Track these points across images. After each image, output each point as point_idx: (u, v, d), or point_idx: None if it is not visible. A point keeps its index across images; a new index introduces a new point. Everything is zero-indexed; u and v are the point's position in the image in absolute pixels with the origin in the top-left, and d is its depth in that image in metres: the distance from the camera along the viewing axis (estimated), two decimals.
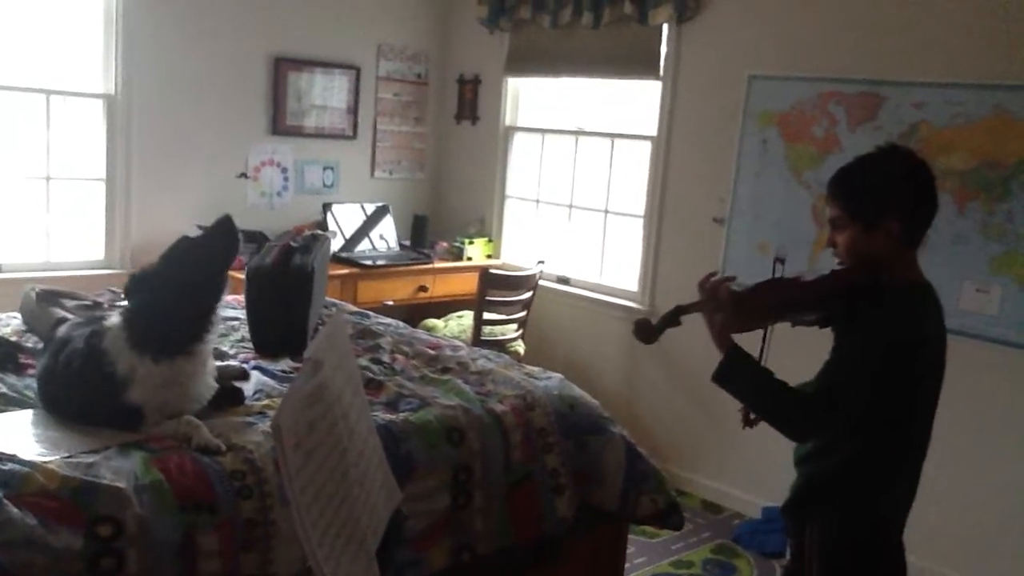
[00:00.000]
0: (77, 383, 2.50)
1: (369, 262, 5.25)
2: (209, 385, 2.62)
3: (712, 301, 2.22)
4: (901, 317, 2.09)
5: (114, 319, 2.59)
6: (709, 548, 4.19)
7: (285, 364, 3.16)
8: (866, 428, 2.13)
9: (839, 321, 2.19)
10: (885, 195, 2.11)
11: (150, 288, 2.55)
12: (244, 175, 5.26)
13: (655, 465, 3.20)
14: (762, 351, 2.33)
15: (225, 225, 2.64)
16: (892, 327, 2.08)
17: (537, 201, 5.76)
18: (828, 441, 2.20)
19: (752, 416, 2.36)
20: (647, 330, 2.26)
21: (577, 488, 3.01)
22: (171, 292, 2.52)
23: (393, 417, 2.72)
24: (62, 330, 2.72)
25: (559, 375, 3.35)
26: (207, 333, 2.57)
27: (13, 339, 3.13)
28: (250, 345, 3.35)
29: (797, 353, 2.44)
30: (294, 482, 1.45)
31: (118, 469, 2.18)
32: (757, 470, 4.52)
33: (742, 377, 2.22)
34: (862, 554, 2.20)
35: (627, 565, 3.47)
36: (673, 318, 2.25)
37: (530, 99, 5.82)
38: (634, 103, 5.21)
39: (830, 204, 2.19)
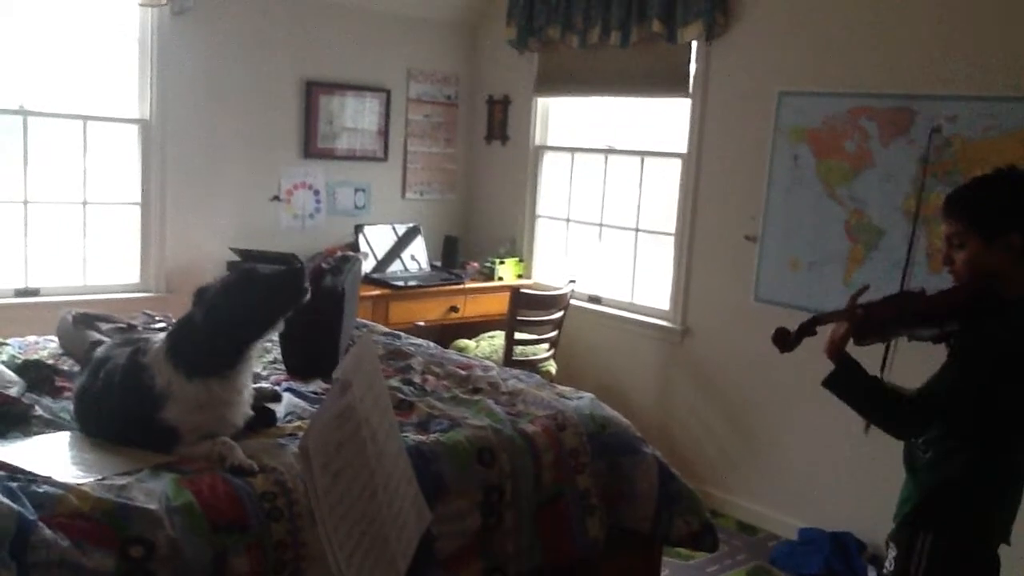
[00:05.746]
0: (117, 398, 2.53)
1: (401, 283, 5.27)
2: (244, 412, 2.64)
3: (845, 313, 2.29)
4: (1016, 328, 2.12)
5: (160, 336, 2.65)
6: (744, 570, 4.13)
7: (316, 385, 3.17)
8: (981, 439, 2.17)
9: (955, 335, 2.23)
10: (1008, 208, 2.16)
11: (204, 308, 2.59)
12: (277, 198, 5.31)
13: (689, 486, 3.17)
14: (884, 365, 2.38)
15: (293, 278, 2.66)
16: (1007, 337, 2.12)
17: (568, 220, 5.75)
18: (946, 452, 2.23)
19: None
20: (786, 339, 2.34)
21: (609, 509, 2.99)
22: (214, 318, 2.56)
23: (424, 438, 2.71)
24: (100, 350, 2.76)
25: (590, 395, 3.33)
26: (238, 363, 2.59)
27: (50, 362, 3.17)
28: (282, 367, 3.36)
29: (918, 366, 2.42)
30: (322, 503, 1.45)
31: (150, 491, 2.20)
32: (793, 491, 4.46)
33: (851, 384, 2.29)
34: (970, 566, 2.24)
35: None
36: (810, 327, 2.34)
37: (559, 118, 5.83)
38: (664, 121, 5.20)
39: (948, 221, 2.23)
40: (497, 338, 5.15)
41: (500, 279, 5.66)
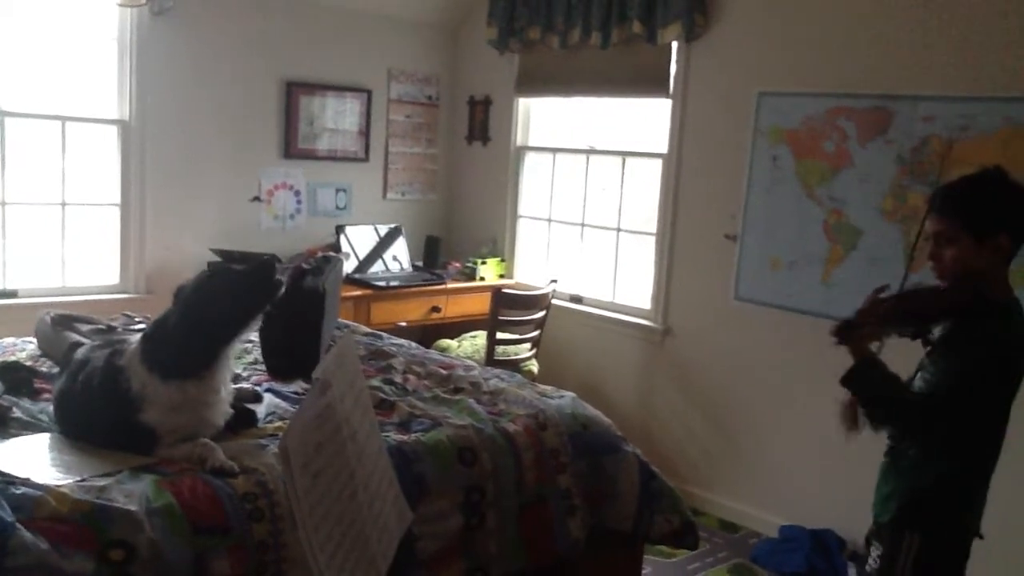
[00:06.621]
0: (96, 401, 2.52)
1: (382, 283, 5.26)
2: (223, 412, 2.62)
3: (871, 312, 2.28)
4: (1011, 332, 2.16)
5: (135, 338, 2.63)
6: (726, 568, 4.15)
7: (297, 386, 3.16)
8: (973, 437, 2.21)
9: (940, 333, 2.26)
10: (1001, 210, 2.18)
11: (177, 308, 2.57)
12: (257, 199, 5.29)
13: (670, 484, 3.18)
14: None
15: (264, 272, 2.61)
16: (1005, 338, 2.15)
17: (549, 220, 5.76)
18: (936, 450, 2.24)
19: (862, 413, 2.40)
20: (849, 332, 2.29)
21: (591, 508, 2.99)
22: (187, 319, 2.53)
23: (405, 437, 2.71)
24: (80, 352, 2.74)
25: (571, 394, 3.34)
26: (214, 363, 2.55)
27: (28, 363, 3.15)
28: (263, 367, 3.35)
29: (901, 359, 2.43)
30: (302, 503, 1.45)
31: (130, 492, 2.19)
32: (774, 489, 4.48)
33: (871, 380, 2.27)
34: (953, 563, 2.28)
35: None
36: (859, 323, 2.31)
37: (541, 119, 5.84)
38: (644, 121, 5.22)
39: (936, 219, 2.24)
40: (479, 338, 5.15)
41: (482, 279, 5.66)
